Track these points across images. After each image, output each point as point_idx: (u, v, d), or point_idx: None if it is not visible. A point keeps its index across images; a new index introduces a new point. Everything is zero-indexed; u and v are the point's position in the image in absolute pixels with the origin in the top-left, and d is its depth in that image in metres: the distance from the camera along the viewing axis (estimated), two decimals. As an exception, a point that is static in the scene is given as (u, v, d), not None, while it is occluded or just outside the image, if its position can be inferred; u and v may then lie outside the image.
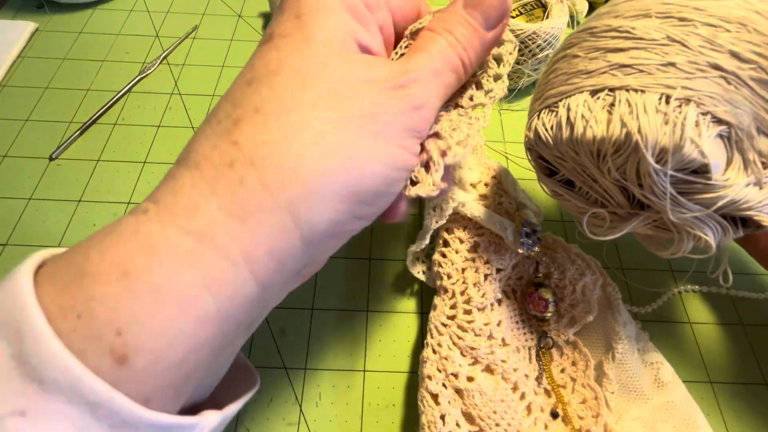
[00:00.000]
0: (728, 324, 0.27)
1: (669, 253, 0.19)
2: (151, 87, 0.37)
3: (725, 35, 0.16)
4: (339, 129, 0.14)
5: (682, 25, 0.16)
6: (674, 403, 0.21)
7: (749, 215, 0.17)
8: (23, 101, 0.36)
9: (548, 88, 0.19)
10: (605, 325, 0.23)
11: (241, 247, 0.13)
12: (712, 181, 0.16)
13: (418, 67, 0.15)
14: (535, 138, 0.19)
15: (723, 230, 0.17)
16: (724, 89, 0.16)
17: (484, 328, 0.22)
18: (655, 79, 0.16)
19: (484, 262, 0.24)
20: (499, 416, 0.20)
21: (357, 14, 0.15)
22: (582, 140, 0.17)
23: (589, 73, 0.18)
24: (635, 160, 0.16)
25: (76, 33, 0.41)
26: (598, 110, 0.17)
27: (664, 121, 0.15)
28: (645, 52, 0.16)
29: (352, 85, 0.14)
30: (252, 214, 0.13)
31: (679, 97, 0.16)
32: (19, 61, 0.38)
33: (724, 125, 0.16)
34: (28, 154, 0.33)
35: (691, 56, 0.16)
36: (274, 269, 0.13)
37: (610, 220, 0.19)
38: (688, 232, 0.17)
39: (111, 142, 0.34)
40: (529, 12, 0.35)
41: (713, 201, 0.16)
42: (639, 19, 0.17)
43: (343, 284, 0.28)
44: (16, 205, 0.30)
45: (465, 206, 0.24)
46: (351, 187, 0.14)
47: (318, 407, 0.24)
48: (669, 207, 0.16)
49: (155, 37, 0.41)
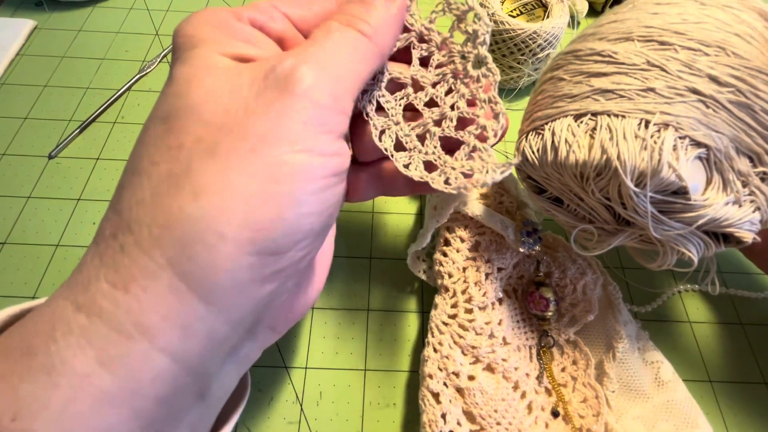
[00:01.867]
0: (727, 323, 0.27)
1: (656, 265, 0.19)
2: (150, 85, 0.37)
3: (704, 59, 0.16)
4: (207, 162, 0.12)
5: (662, 49, 0.17)
6: (674, 402, 0.21)
7: (730, 232, 0.17)
8: (22, 99, 0.36)
9: (536, 109, 0.20)
10: (606, 324, 0.23)
11: (130, 318, 0.11)
12: (691, 202, 0.16)
13: (296, 53, 0.13)
14: (522, 160, 0.20)
15: (705, 245, 0.18)
16: (702, 113, 0.16)
17: (485, 327, 0.22)
18: (635, 104, 0.17)
19: (485, 261, 0.24)
20: (500, 415, 0.20)
21: (235, 34, 0.14)
22: (566, 164, 0.18)
23: (573, 98, 0.18)
24: (616, 183, 0.17)
25: (75, 31, 0.41)
26: (581, 135, 0.17)
27: (643, 146, 0.16)
28: (626, 77, 0.17)
29: (218, 104, 0.13)
30: (134, 281, 0.12)
31: (658, 122, 0.16)
32: (18, 59, 0.38)
33: (703, 148, 0.16)
34: (27, 153, 0.33)
35: (670, 81, 0.16)
36: (180, 336, 0.12)
37: (598, 235, 0.20)
38: (671, 247, 0.18)
39: (110, 141, 0.34)
40: (529, 11, 0.35)
41: (694, 219, 0.17)
42: (621, 42, 0.18)
43: (344, 283, 0.28)
44: (14, 203, 0.30)
45: (466, 205, 0.24)
46: (242, 225, 0.12)
47: (319, 406, 0.24)
48: (651, 225, 0.17)
49: (155, 35, 0.41)
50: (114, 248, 0.12)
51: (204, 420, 0.15)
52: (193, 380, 0.13)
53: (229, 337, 0.13)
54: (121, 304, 0.12)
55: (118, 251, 0.12)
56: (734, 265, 0.29)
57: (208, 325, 0.12)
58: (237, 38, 0.14)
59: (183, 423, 0.14)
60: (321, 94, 0.13)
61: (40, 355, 0.11)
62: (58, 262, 0.28)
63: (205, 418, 0.15)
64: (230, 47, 0.14)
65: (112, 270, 0.12)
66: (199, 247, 0.12)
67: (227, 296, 0.12)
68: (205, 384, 0.14)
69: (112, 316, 0.11)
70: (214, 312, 0.12)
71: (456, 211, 0.24)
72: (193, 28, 0.14)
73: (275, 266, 0.13)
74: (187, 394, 0.13)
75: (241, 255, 0.12)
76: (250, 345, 0.16)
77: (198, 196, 0.12)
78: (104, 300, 0.12)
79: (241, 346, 0.15)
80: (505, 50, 0.34)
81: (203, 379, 0.13)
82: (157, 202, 0.12)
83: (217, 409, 0.15)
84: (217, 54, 0.13)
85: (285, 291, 0.14)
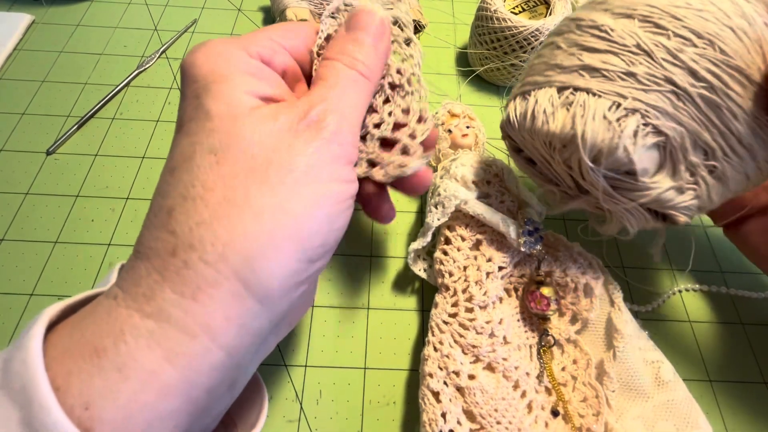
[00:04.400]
0: (728, 323, 0.27)
1: (603, 230, 0.22)
2: (149, 81, 0.37)
3: (691, 50, 0.17)
4: (263, 189, 0.14)
5: (656, 32, 0.18)
6: (675, 402, 0.21)
7: (668, 213, 0.19)
8: (19, 94, 0.35)
9: (530, 73, 0.21)
10: (606, 323, 0.23)
11: (197, 321, 0.13)
12: (638, 183, 0.18)
13: (321, 98, 0.16)
14: (506, 120, 0.22)
15: (645, 220, 0.20)
16: (672, 104, 0.17)
17: (486, 326, 0.22)
18: (613, 85, 0.18)
19: (486, 260, 0.23)
20: (500, 414, 0.20)
21: (253, 72, 0.16)
22: (539, 131, 0.19)
23: (563, 69, 0.19)
24: (577, 157, 0.19)
25: (73, 26, 0.40)
26: (559, 107, 0.19)
27: (607, 128, 0.17)
28: (614, 57, 0.18)
29: (264, 142, 0.15)
30: (201, 291, 0.14)
31: (628, 107, 0.17)
32: (15, 53, 0.38)
33: (663, 137, 0.17)
34: (25, 149, 0.32)
35: (651, 68, 0.17)
36: (236, 333, 0.14)
37: (561, 197, 0.23)
38: (618, 218, 0.20)
39: (109, 137, 0.33)
40: (532, 8, 0.35)
41: (639, 197, 0.19)
42: (621, 18, 0.18)
43: (344, 281, 0.28)
44: (12, 200, 0.30)
45: (467, 204, 0.24)
46: (293, 240, 0.14)
47: (318, 404, 0.24)
48: (601, 197, 0.19)
49: (154, 30, 0.41)
50: (176, 264, 0.14)
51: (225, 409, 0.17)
52: (235, 372, 0.15)
53: (268, 333, 0.16)
54: (189, 310, 0.13)
55: (182, 266, 0.14)
56: (735, 265, 0.29)
57: (259, 323, 0.15)
58: (254, 76, 0.16)
59: (214, 413, 0.16)
60: (344, 136, 0.16)
61: (111, 354, 0.13)
62: (56, 260, 0.28)
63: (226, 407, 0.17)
64: (254, 87, 0.16)
65: (179, 283, 0.14)
66: (261, 259, 0.14)
67: (276, 298, 0.15)
68: (240, 375, 0.16)
69: (180, 320, 0.13)
70: (265, 311, 0.14)
71: (457, 209, 0.24)
72: (211, 63, 0.16)
73: (309, 271, 0.15)
74: (226, 384, 0.15)
75: (291, 263, 0.15)
76: (273, 339, 0.18)
77: (258, 217, 0.14)
78: (173, 308, 0.13)
79: (266, 341, 0.17)
80: (507, 48, 0.34)
81: (241, 372, 0.16)
82: (218, 222, 0.14)
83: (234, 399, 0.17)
84: (245, 94, 0.16)
85: (308, 292, 0.17)
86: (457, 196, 0.24)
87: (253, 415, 0.19)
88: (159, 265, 0.14)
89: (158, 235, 0.15)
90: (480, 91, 0.38)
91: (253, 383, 0.19)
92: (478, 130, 0.29)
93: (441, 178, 0.26)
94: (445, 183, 0.25)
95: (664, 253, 0.29)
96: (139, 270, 0.14)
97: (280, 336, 0.19)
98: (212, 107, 0.15)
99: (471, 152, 0.27)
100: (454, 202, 0.24)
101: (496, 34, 0.34)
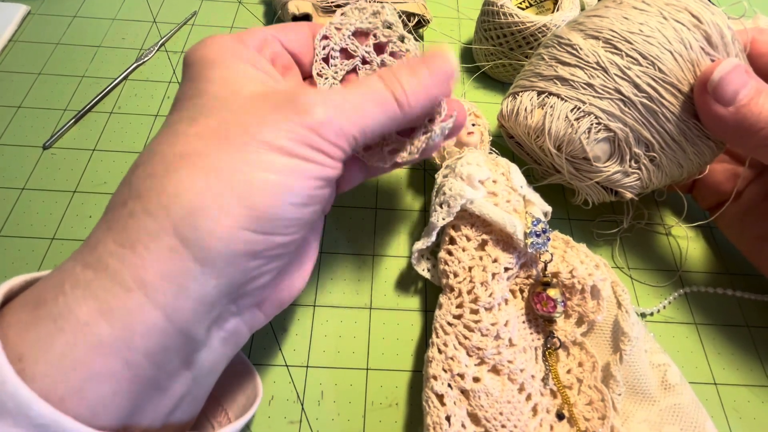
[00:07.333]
0: (734, 326, 0.27)
1: (573, 201, 0.29)
2: (148, 74, 0.36)
3: (636, 68, 0.22)
4: (221, 148, 0.14)
5: (613, 52, 0.23)
6: (682, 406, 0.21)
7: (618, 189, 0.25)
8: (15, 87, 0.35)
9: (522, 77, 0.27)
10: (613, 325, 0.23)
11: (132, 273, 0.13)
12: (593, 166, 0.24)
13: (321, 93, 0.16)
14: (501, 113, 0.28)
15: (602, 194, 0.26)
16: (619, 109, 0.23)
17: (491, 328, 0.22)
18: (576, 93, 0.24)
19: (492, 261, 0.23)
20: (506, 417, 0.20)
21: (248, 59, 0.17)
22: (522, 124, 0.26)
23: (543, 77, 0.25)
24: (547, 145, 0.25)
25: (71, 17, 0.39)
26: (536, 107, 0.25)
27: (568, 125, 0.24)
28: (579, 71, 0.24)
29: (241, 107, 0.15)
30: (140, 242, 0.13)
31: (585, 111, 0.23)
32: (11, 45, 0.37)
33: (611, 133, 0.23)
34: (21, 143, 0.32)
35: (606, 81, 0.23)
36: (174, 294, 0.13)
37: (541, 172, 0.29)
38: (582, 191, 0.27)
39: (107, 131, 0.33)
40: (539, 4, 0.35)
41: (594, 177, 0.25)
42: (590, 39, 0.24)
43: (346, 281, 0.27)
44: (8, 195, 0.29)
45: (473, 204, 0.24)
46: (241, 204, 0.14)
47: (320, 406, 0.24)
48: (567, 175, 0.26)
49: (153, 22, 0.40)
50: (123, 214, 0.14)
51: (190, 396, 0.16)
52: (180, 341, 0.14)
53: (216, 303, 0.15)
54: (126, 261, 0.13)
55: (127, 216, 0.14)
56: (741, 267, 0.29)
57: (199, 287, 0.14)
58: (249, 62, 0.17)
59: (169, 391, 0.15)
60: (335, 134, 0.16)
61: (50, 304, 0.13)
62: (54, 256, 0.27)
63: (191, 393, 0.16)
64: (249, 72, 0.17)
65: (121, 232, 0.14)
66: (203, 216, 0.14)
67: (220, 262, 0.14)
68: (192, 349, 0.15)
69: (116, 271, 0.13)
70: (206, 274, 0.14)
71: (463, 209, 0.24)
72: (211, 52, 0.17)
73: (265, 245, 0.15)
74: (174, 356, 0.14)
75: (237, 229, 0.14)
76: (235, 321, 0.17)
77: (209, 174, 0.14)
78: (110, 258, 0.13)
79: (226, 319, 0.16)
80: (513, 44, 0.34)
81: (190, 343, 0.15)
82: (168, 176, 0.14)
83: (204, 388, 0.17)
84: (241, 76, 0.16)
85: (269, 271, 0.16)
86: (462, 195, 0.24)
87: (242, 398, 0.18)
88: (110, 217, 0.14)
89: (118, 189, 0.15)
90: (485, 87, 0.37)
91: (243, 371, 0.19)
92: (484, 127, 0.28)
93: (446, 177, 0.25)
94: (451, 182, 0.24)
95: (670, 255, 0.29)
96: (96, 226, 0.15)
97: (251, 322, 0.18)
98: (207, 87, 0.16)
99: (477, 150, 0.27)
100: (460, 202, 0.23)
101: (503, 30, 0.33)
